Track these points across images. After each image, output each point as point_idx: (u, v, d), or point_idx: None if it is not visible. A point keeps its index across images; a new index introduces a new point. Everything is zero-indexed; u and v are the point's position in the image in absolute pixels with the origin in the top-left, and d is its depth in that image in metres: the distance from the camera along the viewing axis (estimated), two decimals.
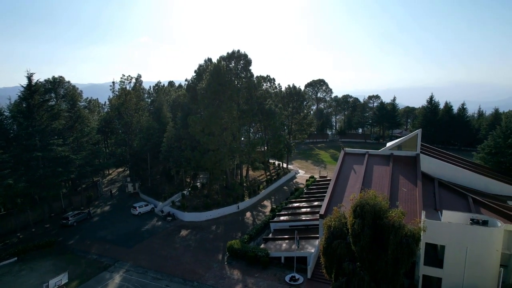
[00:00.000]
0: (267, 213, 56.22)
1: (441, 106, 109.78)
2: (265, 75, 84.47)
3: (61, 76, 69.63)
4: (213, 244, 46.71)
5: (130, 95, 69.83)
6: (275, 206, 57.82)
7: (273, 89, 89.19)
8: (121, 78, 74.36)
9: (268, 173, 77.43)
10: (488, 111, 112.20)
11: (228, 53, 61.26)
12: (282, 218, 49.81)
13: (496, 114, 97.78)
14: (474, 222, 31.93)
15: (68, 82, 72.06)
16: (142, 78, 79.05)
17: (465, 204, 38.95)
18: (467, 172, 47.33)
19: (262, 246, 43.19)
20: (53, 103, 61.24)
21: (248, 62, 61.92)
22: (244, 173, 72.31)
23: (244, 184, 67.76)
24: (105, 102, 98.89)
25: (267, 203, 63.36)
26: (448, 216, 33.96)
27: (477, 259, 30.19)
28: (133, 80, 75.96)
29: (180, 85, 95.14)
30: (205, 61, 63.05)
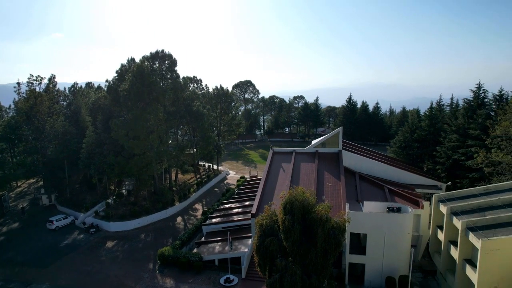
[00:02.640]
0: (199, 217, 55.21)
1: (359, 105, 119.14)
2: (191, 76, 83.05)
3: None
4: (143, 253, 44.31)
5: (41, 97, 62.90)
6: (206, 209, 57.06)
7: (201, 90, 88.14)
8: (28, 78, 66.53)
9: (198, 176, 76.15)
10: (398, 110, 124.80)
11: (151, 53, 58.79)
12: (214, 220, 49.27)
13: (404, 112, 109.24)
14: (390, 210, 35.15)
15: None
16: (56, 79, 71.73)
17: (382, 194, 42.67)
18: (383, 165, 52.03)
19: (195, 250, 42.24)
20: None
21: (173, 62, 60.16)
22: (173, 177, 70.10)
23: (174, 188, 65.69)
24: (9, 106, 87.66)
25: (198, 206, 62.22)
26: (368, 206, 36.83)
27: (393, 243, 33.27)
28: (45, 81, 68.56)
29: (99, 87, 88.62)
30: (127, 61, 59.60)
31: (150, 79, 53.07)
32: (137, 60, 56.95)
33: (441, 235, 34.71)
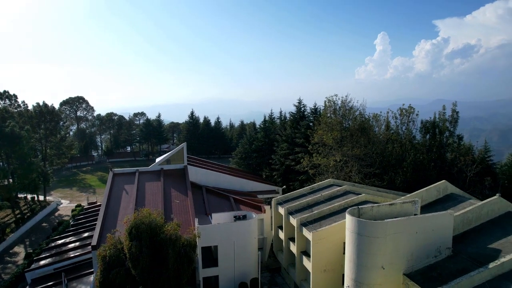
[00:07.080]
0: (20, 262, 45.13)
1: (202, 120, 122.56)
2: (1, 91, 68.54)
3: None
4: None
5: None
6: (31, 250, 47.17)
7: (16, 108, 73.72)
8: None
9: (18, 212, 62.63)
10: (237, 123, 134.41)
11: None
12: (43, 262, 40.99)
13: (242, 126, 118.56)
14: (237, 218, 36.86)
15: None
16: None
17: (229, 204, 44.50)
18: (227, 176, 54.60)
19: None
20: None
21: None
22: None
23: None
24: None
25: (19, 249, 50.88)
26: (217, 218, 37.66)
27: (242, 249, 34.91)
28: None
29: None
30: None
31: None
32: None
33: (282, 234, 38.48)
